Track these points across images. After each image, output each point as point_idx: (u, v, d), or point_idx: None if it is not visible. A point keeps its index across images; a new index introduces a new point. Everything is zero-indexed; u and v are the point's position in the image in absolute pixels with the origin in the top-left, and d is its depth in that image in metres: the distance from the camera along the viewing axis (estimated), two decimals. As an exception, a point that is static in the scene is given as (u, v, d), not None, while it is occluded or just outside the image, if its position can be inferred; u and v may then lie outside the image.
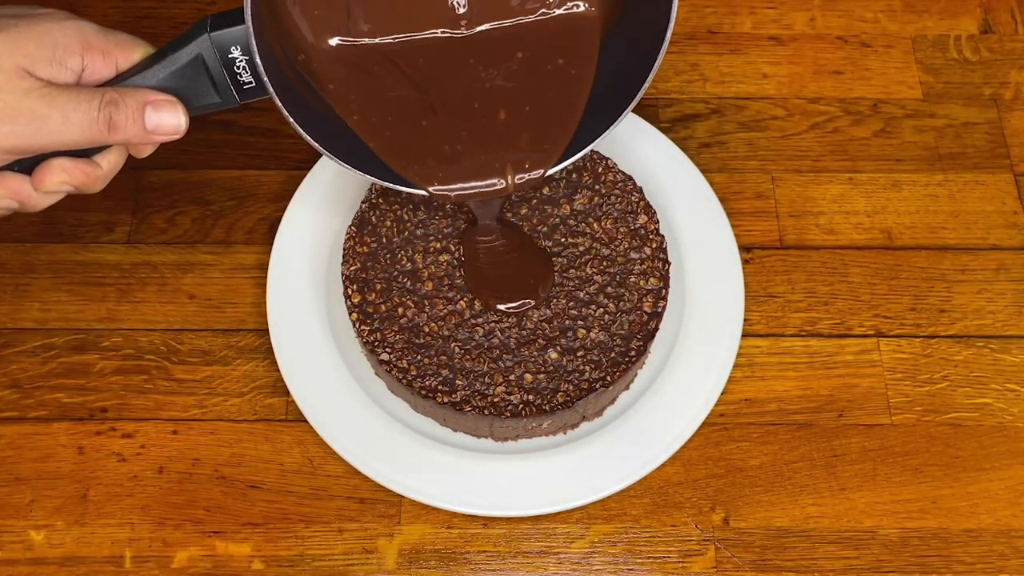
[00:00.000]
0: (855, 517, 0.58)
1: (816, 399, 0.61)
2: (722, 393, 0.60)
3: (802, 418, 0.61)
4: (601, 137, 0.52)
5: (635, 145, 0.67)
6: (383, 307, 0.58)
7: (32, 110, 0.44)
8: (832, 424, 0.61)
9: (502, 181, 0.53)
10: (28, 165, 0.47)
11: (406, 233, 0.60)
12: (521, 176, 0.53)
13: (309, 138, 0.48)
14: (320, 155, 0.65)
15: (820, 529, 0.58)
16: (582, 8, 0.52)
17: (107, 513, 0.58)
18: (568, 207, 0.61)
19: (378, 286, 0.58)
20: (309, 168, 0.66)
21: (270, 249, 0.63)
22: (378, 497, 0.58)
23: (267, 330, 0.61)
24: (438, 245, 0.59)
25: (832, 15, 0.75)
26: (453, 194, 0.52)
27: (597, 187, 0.61)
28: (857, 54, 0.74)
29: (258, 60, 0.45)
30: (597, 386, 0.56)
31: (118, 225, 0.66)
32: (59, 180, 0.47)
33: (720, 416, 0.61)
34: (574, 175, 0.62)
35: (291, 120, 0.47)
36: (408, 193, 0.52)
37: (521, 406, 0.55)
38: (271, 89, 0.46)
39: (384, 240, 0.60)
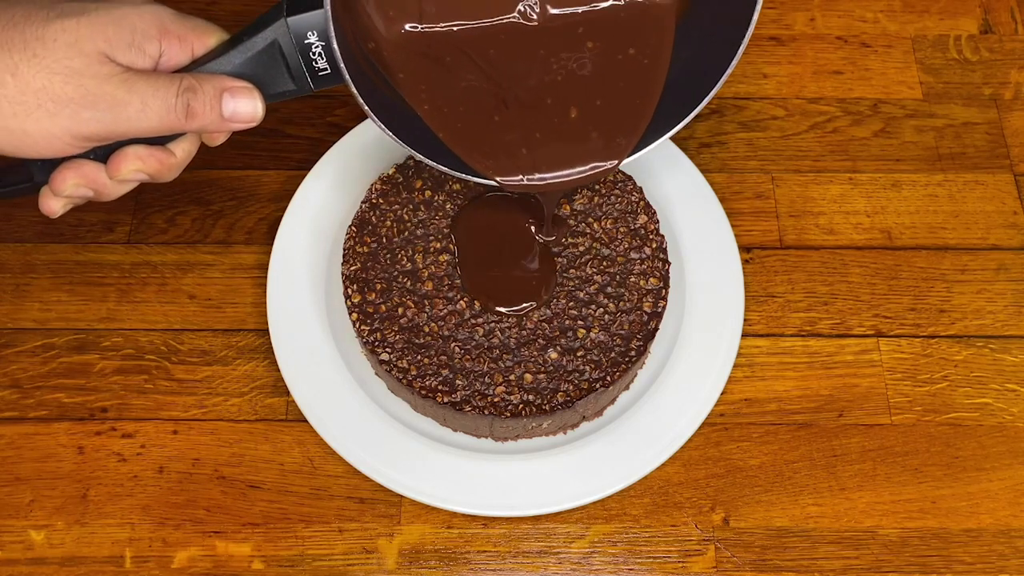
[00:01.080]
0: (855, 517, 0.58)
1: (816, 399, 0.62)
2: (722, 393, 0.60)
3: (802, 418, 0.61)
4: (678, 127, 0.51)
5: (635, 145, 0.67)
6: (383, 307, 0.58)
7: (113, 96, 0.44)
8: (832, 424, 0.61)
9: (574, 173, 0.52)
10: (103, 153, 0.47)
11: (406, 233, 0.60)
12: (594, 167, 0.52)
13: (380, 124, 0.47)
14: (322, 145, 0.64)
15: (820, 529, 0.58)
16: None
17: (107, 513, 0.58)
18: (568, 207, 0.61)
19: (378, 286, 0.58)
20: (309, 168, 0.66)
21: (270, 249, 0.63)
22: (378, 497, 0.58)
23: (267, 330, 0.61)
24: (438, 245, 0.60)
25: (832, 15, 0.75)
26: (523, 185, 0.52)
27: (597, 187, 0.61)
28: (857, 54, 0.74)
29: (335, 46, 0.44)
30: (597, 386, 0.56)
31: (118, 225, 0.66)
32: (134, 168, 0.47)
33: (720, 416, 0.61)
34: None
35: (365, 107, 0.46)
36: (477, 183, 0.52)
37: (521, 406, 0.55)
38: (347, 76, 0.45)
39: (384, 240, 0.60)
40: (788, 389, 0.62)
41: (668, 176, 0.66)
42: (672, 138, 0.67)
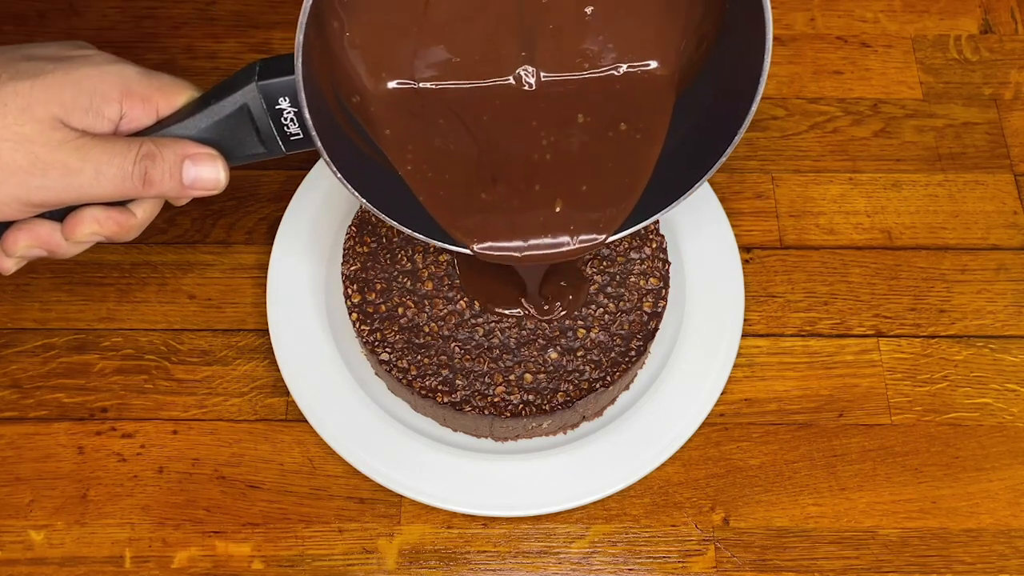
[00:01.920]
0: (855, 517, 0.58)
1: (816, 399, 0.62)
2: (722, 393, 0.60)
3: (802, 418, 0.61)
4: (669, 208, 0.48)
5: (635, 145, 0.67)
6: (383, 307, 0.58)
7: (64, 164, 0.42)
8: (832, 424, 0.61)
9: (554, 248, 0.49)
10: (58, 212, 0.45)
11: (406, 233, 0.60)
12: (578, 244, 0.49)
13: (357, 194, 0.46)
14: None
15: (820, 529, 0.58)
16: (653, 66, 0.49)
17: (107, 513, 0.58)
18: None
19: (378, 286, 0.58)
20: (309, 168, 0.66)
21: (270, 249, 0.63)
22: (378, 497, 0.58)
23: (267, 330, 0.61)
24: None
25: (832, 15, 0.75)
26: (500, 256, 0.49)
27: (597, 187, 0.61)
28: (857, 54, 0.74)
29: (307, 114, 0.42)
30: (597, 386, 0.56)
31: (118, 225, 0.66)
32: (91, 231, 0.44)
33: (720, 416, 0.61)
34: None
35: (339, 176, 0.45)
36: (452, 251, 0.49)
37: (521, 406, 0.55)
38: (319, 144, 0.44)
39: (384, 240, 0.60)
40: (788, 389, 0.62)
41: (668, 176, 0.66)
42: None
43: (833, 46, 0.74)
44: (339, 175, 0.45)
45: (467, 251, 0.49)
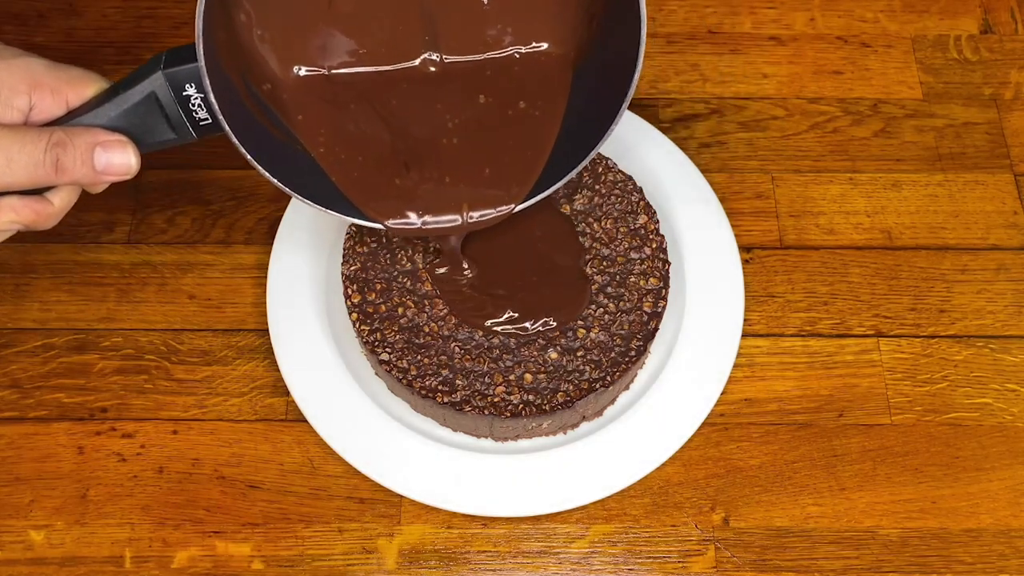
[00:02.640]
0: (855, 517, 0.58)
1: (816, 399, 0.62)
2: (722, 393, 0.60)
3: (802, 418, 0.61)
4: (567, 177, 0.52)
5: (635, 145, 0.67)
6: (383, 307, 0.58)
7: None
8: (832, 424, 0.61)
9: (459, 217, 0.52)
10: None
11: (406, 233, 0.60)
12: (485, 214, 0.52)
13: (267, 174, 0.47)
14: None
15: (820, 529, 0.58)
16: (548, 47, 0.52)
17: (107, 513, 0.58)
18: (568, 207, 0.61)
19: (378, 286, 0.58)
20: (309, 168, 0.66)
21: (270, 249, 0.63)
22: (378, 497, 0.58)
23: (267, 330, 0.61)
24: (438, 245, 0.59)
25: (832, 15, 0.75)
26: (412, 230, 0.52)
27: (597, 187, 0.61)
28: (857, 54, 0.74)
29: (213, 99, 0.44)
30: (597, 386, 0.56)
31: (118, 225, 0.66)
32: (8, 219, 0.46)
33: (720, 416, 0.61)
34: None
35: (248, 156, 0.46)
36: (365, 227, 0.52)
37: (521, 406, 0.55)
38: (227, 127, 0.45)
39: (384, 240, 0.60)
40: (788, 389, 0.62)
41: (668, 176, 0.66)
42: (673, 139, 0.67)
43: (833, 46, 0.74)
44: (249, 157, 0.46)
45: (379, 226, 0.51)
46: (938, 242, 0.67)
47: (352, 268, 0.59)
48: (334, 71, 0.50)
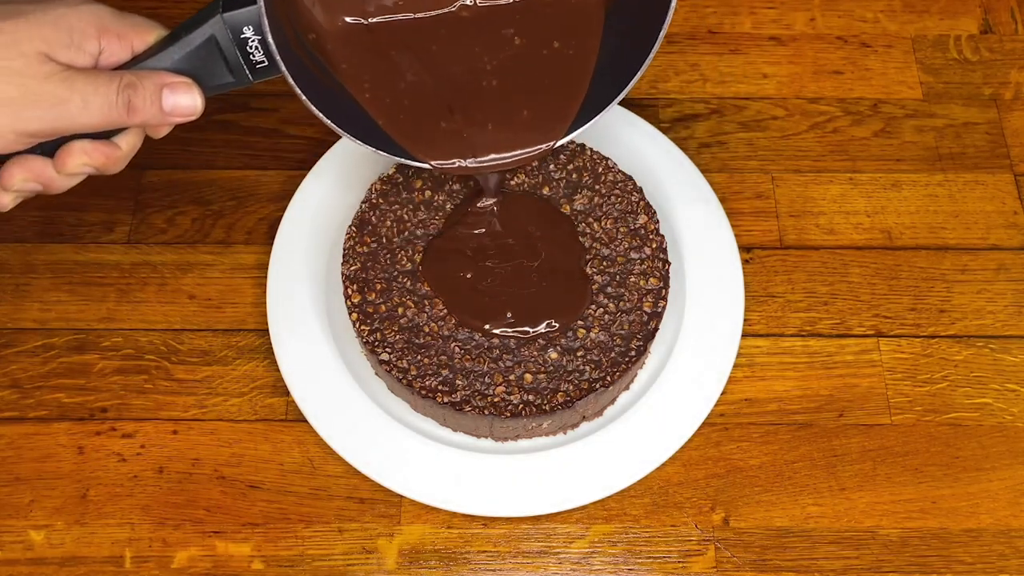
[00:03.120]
0: (855, 517, 0.58)
1: (816, 399, 0.61)
2: (722, 393, 0.60)
3: (802, 418, 0.61)
4: (604, 111, 0.53)
5: (635, 145, 0.67)
6: (383, 307, 0.58)
7: (53, 94, 0.45)
8: (832, 424, 0.61)
9: (508, 156, 0.54)
10: (49, 148, 0.47)
11: (406, 233, 0.60)
12: (526, 151, 0.54)
13: (320, 114, 0.49)
14: (323, 145, 0.65)
15: (820, 529, 0.58)
16: None
17: (107, 513, 0.58)
18: (568, 207, 0.61)
19: (378, 286, 0.58)
20: (309, 168, 0.66)
21: (270, 249, 0.63)
22: (378, 497, 0.58)
23: (267, 330, 0.61)
24: (438, 245, 0.60)
25: (832, 15, 0.75)
26: (458, 168, 0.54)
27: (597, 187, 0.61)
28: (857, 54, 0.74)
29: (270, 39, 0.46)
30: (597, 386, 0.56)
31: (118, 225, 0.66)
32: (81, 162, 0.48)
33: (720, 416, 0.61)
34: (574, 175, 0.62)
35: (303, 97, 0.48)
36: (413, 167, 0.54)
37: (521, 406, 0.55)
38: (283, 68, 0.47)
39: (384, 240, 0.60)
40: (788, 389, 0.62)
41: (668, 176, 0.66)
42: (673, 139, 0.67)
43: (833, 46, 0.74)
44: (303, 96, 0.48)
45: (426, 166, 0.54)
46: (938, 242, 0.67)
47: (352, 268, 0.59)
48: (373, 20, 0.52)
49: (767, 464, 0.60)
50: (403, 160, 0.53)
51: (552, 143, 0.54)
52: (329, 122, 0.50)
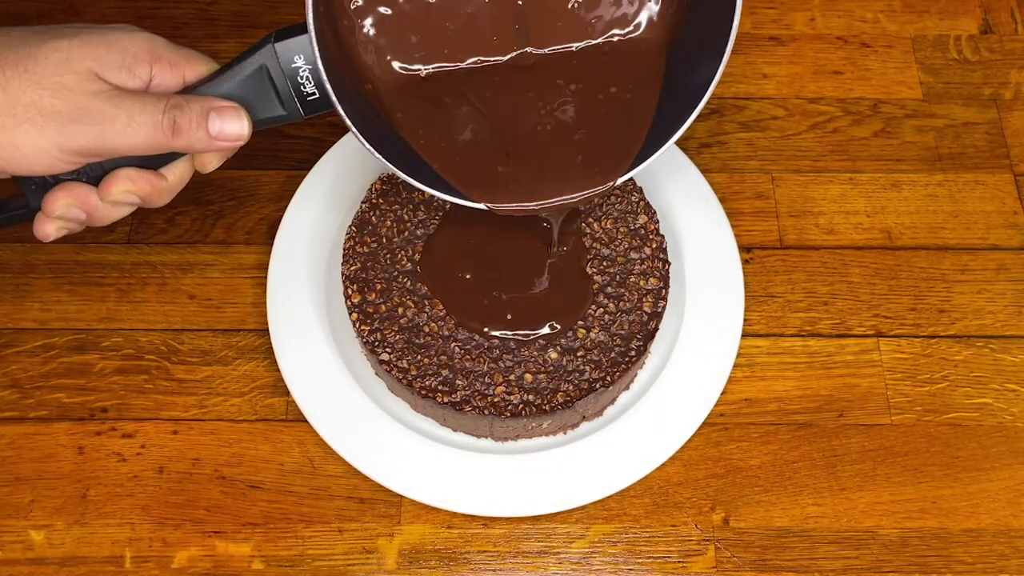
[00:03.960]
0: (855, 517, 0.58)
1: (816, 399, 0.62)
2: (722, 393, 0.60)
3: (802, 418, 0.61)
4: (657, 154, 0.52)
5: (635, 145, 0.67)
6: (383, 307, 0.58)
7: (100, 110, 0.45)
8: (832, 424, 0.61)
9: (567, 197, 0.52)
10: (95, 177, 0.48)
11: (406, 233, 0.60)
12: (587, 191, 0.52)
13: (377, 154, 0.48)
14: (323, 145, 0.65)
15: (820, 529, 0.58)
16: (642, 30, 0.52)
17: (107, 513, 0.58)
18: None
19: (378, 286, 0.58)
20: (309, 168, 0.66)
21: (270, 249, 0.63)
22: (378, 497, 0.58)
23: (267, 330, 0.61)
24: (438, 245, 0.60)
25: (832, 15, 0.75)
26: (513, 210, 0.52)
27: (597, 187, 0.61)
28: (857, 54, 0.74)
29: (320, 65, 0.45)
30: (597, 386, 0.56)
31: (118, 225, 0.66)
32: (125, 189, 0.47)
33: (720, 416, 0.61)
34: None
35: (358, 135, 0.47)
36: (470, 207, 0.52)
37: (521, 406, 0.55)
38: (333, 97, 0.46)
39: (384, 240, 0.60)
40: (788, 389, 0.62)
41: (668, 176, 0.66)
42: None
43: (833, 46, 0.74)
44: (355, 130, 0.47)
45: (483, 207, 0.51)
46: (938, 242, 0.67)
47: (352, 268, 0.59)
48: (429, 72, 0.52)
49: (767, 464, 0.60)
50: (459, 201, 0.51)
51: (610, 184, 0.52)
52: (387, 162, 0.49)
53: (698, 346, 0.61)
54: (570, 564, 0.57)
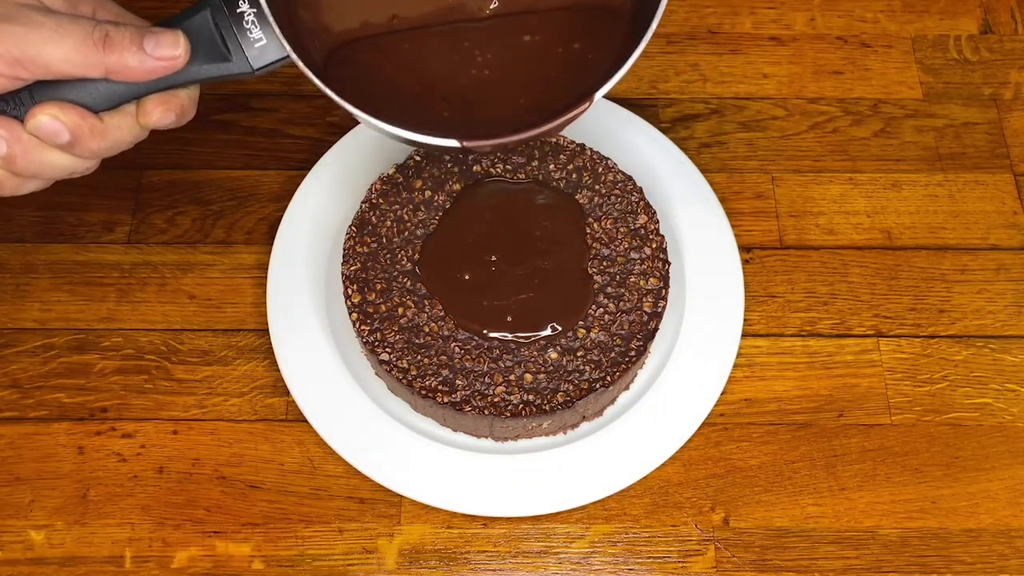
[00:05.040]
0: (855, 517, 0.58)
1: (816, 399, 0.62)
2: (722, 393, 0.60)
3: (802, 418, 0.61)
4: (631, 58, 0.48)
5: (635, 145, 0.67)
6: (383, 307, 0.58)
7: (28, 16, 0.43)
8: (832, 424, 0.61)
9: (535, 128, 0.49)
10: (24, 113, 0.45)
11: (406, 233, 0.60)
12: (557, 120, 0.49)
13: (327, 89, 0.46)
14: (323, 145, 0.64)
15: (820, 529, 0.58)
16: None
17: (107, 513, 0.58)
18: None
19: (378, 286, 0.58)
20: (309, 168, 0.66)
21: (270, 249, 0.63)
22: (378, 497, 0.58)
23: (267, 330, 0.61)
24: (438, 245, 0.60)
25: (832, 15, 0.75)
26: (484, 145, 0.49)
27: (597, 187, 0.61)
28: (857, 54, 0.74)
29: (265, 5, 0.44)
30: (597, 386, 0.56)
31: (118, 225, 0.66)
32: (51, 114, 0.45)
33: (720, 416, 0.61)
34: (574, 175, 0.62)
35: (306, 71, 0.45)
36: (439, 147, 0.49)
37: (521, 406, 0.55)
38: (280, 36, 0.45)
39: (384, 240, 0.60)
40: (788, 389, 0.62)
41: (668, 176, 0.66)
42: (673, 139, 0.67)
43: (833, 46, 0.74)
44: (306, 70, 0.45)
45: (451, 142, 0.48)
46: (938, 242, 0.67)
47: (352, 268, 0.59)
48: (380, 29, 0.50)
49: (767, 464, 0.60)
50: (424, 138, 0.48)
51: (539, 130, 0.49)
52: (336, 97, 0.46)
53: (698, 346, 0.61)
54: (570, 564, 0.57)
